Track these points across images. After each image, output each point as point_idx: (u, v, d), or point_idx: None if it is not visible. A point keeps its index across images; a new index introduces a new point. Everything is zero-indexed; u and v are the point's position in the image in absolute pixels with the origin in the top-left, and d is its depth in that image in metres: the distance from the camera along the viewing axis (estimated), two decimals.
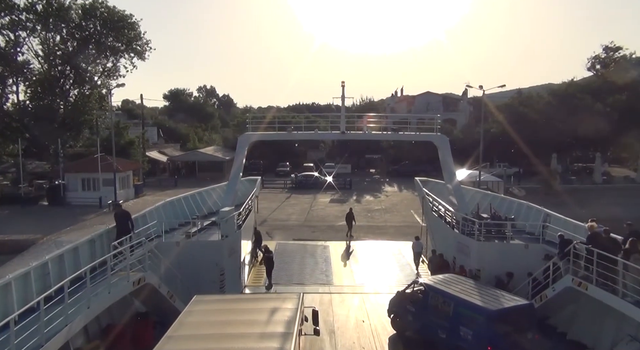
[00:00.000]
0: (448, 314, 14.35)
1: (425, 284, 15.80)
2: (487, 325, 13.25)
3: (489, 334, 13.20)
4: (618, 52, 64.17)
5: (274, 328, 10.20)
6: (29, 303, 10.60)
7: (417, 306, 15.61)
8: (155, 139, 74.50)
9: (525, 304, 14.28)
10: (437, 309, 14.80)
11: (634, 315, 12.22)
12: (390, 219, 36.31)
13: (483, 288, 15.20)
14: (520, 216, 21.15)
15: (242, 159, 22.69)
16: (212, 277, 17.83)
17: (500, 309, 13.52)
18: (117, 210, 17.32)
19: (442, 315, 14.54)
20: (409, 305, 15.98)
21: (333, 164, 62.44)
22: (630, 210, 35.19)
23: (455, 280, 15.93)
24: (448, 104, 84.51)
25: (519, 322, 13.68)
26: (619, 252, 13.46)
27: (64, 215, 35.91)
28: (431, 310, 15.00)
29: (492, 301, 13.90)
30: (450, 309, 14.33)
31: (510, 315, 13.62)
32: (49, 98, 47.18)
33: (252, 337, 9.82)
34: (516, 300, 14.25)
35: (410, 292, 16.17)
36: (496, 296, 14.37)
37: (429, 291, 15.36)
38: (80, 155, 50.70)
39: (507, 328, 13.40)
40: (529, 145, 50.27)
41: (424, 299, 15.40)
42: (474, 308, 13.73)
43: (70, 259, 14.41)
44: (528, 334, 13.66)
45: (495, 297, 14.25)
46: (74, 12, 47.19)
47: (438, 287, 15.25)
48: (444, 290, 15.03)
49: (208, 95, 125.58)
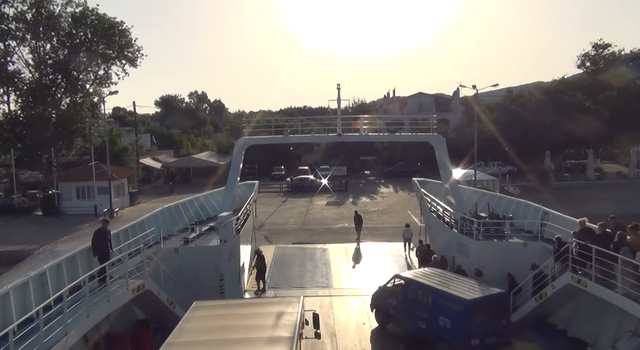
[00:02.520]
0: (427, 305, 15.03)
1: (405, 278, 16.51)
2: (463, 313, 14.01)
3: (466, 322, 13.99)
4: (607, 49, 64.78)
5: (274, 332, 10.15)
6: (27, 313, 10.52)
7: (398, 299, 16.26)
8: (149, 145, 74.29)
9: (500, 293, 15.06)
10: (417, 301, 15.47)
11: (633, 311, 12.23)
12: (387, 220, 36.34)
13: (460, 279, 16.00)
14: (518, 215, 21.22)
15: (239, 164, 22.63)
16: (211, 283, 17.73)
17: (475, 298, 14.28)
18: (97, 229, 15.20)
19: (422, 307, 15.21)
20: (390, 299, 16.64)
21: (328, 166, 62.47)
22: (623, 205, 35.53)
23: (434, 274, 16.65)
24: (440, 104, 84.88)
25: (493, 310, 14.52)
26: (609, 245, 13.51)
27: (59, 225, 35.68)
28: (411, 303, 15.66)
29: (468, 291, 14.66)
30: (429, 300, 15.03)
31: (485, 304, 14.39)
32: (40, 107, 46.80)
33: (252, 342, 9.77)
34: (491, 290, 14.98)
35: (391, 287, 16.86)
36: (472, 286, 15.17)
37: (409, 284, 16.05)
38: (73, 163, 50.47)
39: (483, 316, 14.20)
40: (522, 143, 50.62)
41: (404, 292, 16.07)
42: (451, 298, 14.44)
43: (69, 268, 14.28)
44: (502, 320, 14.60)
45: (471, 288, 15.04)
46: (64, 21, 46.93)
47: (417, 280, 15.96)
48: (422, 282, 15.72)
49: (199, 101, 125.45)
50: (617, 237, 13.51)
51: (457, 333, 14.08)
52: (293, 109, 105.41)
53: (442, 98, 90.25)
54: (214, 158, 66.60)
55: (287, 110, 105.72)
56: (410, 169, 57.02)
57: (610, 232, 14.13)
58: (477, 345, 13.96)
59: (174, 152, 76.13)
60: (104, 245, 14.89)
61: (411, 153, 58.96)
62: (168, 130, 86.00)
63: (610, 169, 58.65)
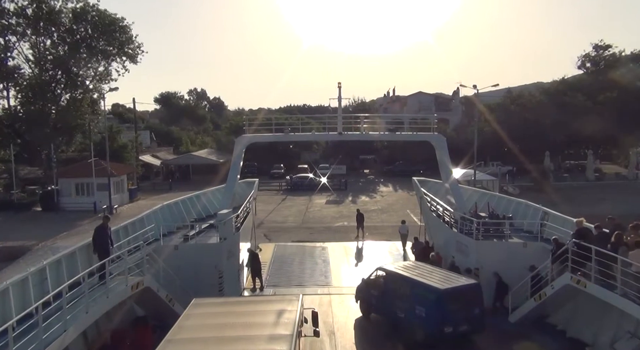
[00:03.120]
0: (405, 295, 15.85)
1: (386, 270, 17.37)
2: (437, 302, 14.79)
3: (440, 310, 14.75)
4: (608, 50, 64.76)
5: (273, 330, 10.14)
6: (27, 309, 10.55)
7: (379, 291, 17.10)
8: (148, 142, 74.11)
9: (473, 283, 15.85)
10: (396, 291, 16.29)
11: (633, 312, 12.23)
12: (387, 219, 36.33)
13: (437, 271, 16.80)
14: (518, 214, 21.24)
15: (239, 161, 22.58)
16: (210, 280, 17.70)
17: (448, 287, 15.03)
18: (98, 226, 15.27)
19: (400, 297, 16.04)
20: (372, 290, 17.48)
21: (327, 165, 62.43)
22: (623, 206, 35.61)
23: (414, 266, 17.49)
24: (440, 104, 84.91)
25: (467, 299, 15.23)
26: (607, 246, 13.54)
27: (58, 221, 35.64)
28: (391, 293, 16.49)
29: (443, 281, 15.42)
30: (407, 290, 15.84)
31: (458, 293, 15.13)
32: (40, 103, 46.75)
33: (251, 339, 9.77)
34: (465, 281, 15.86)
35: (373, 279, 17.63)
36: (447, 277, 15.97)
37: (389, 276, 16.89)
38: (72, 160, 50.36)
39: (456, 305, 14.93)
40: (522, 143, 50.65)
41: (385, 283, 16.92)
42: (427, 288, 15.21)
43: (68, 264, 14.28)
44: (475, 309, 15.26)
45: (447, 278, 15.82)
46: (64, 16, 46.82)
47: (396, 272, 16.83)
48: (401, 274, 16.57)
49: (199, 98, 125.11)
50: (615, 238, 13.53)
51: (431, 321, 14.87)
52: (293, 107, 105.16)
53: (442, 97, 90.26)
54: (213, 156, 66.54)
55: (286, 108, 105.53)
56: (410, 168, 57.05)
57: (608, 232, 14.14)
58: (450, 332, 14.75)
59: (173, 149, 76.02)
60: (104, 241, 14.89)
61: (411, 152, 58.99)
62: (168, 128, 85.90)
63: (609, 170, 58.79)
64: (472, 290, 15.56)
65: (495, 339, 15.93)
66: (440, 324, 14.74)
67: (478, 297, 15.57)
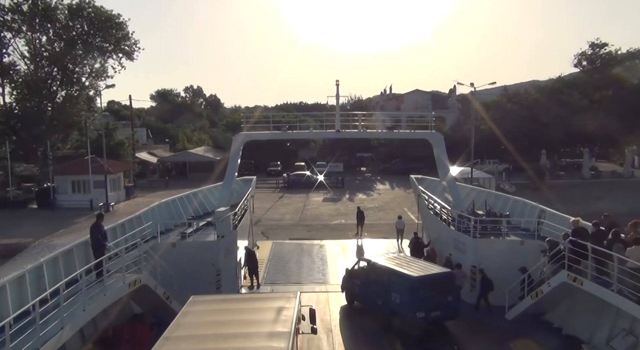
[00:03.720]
0: (383, 284, 16.75)
1: (367, 260, 18.37)
2: (409, 289, 15.65)
3: (413, 297, 15.59)
4: (604, 48, 64.99)
5: (271, 327, 10.12)
6: (24, 306, 10.50)
7: (361, 280, 18.11)
8: (145, 139, 73.84)
9: (445, 272, 16.83)
10: (375, 280, 17.25)
11: (629, 309, 12.26)
12: (384, 217, 36.34)
13: (416, 262, 17.81)
14: (515, 213, 21.26)
15: (237, 159, 22.51)
16: (208, 278, 17.68)
17: (421, 275, 15.93)
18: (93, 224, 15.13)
19: (379, 285, 16.98)
20: (355, 280, 18.48)
21: (324, 162, 62.36)
22: (619, 204, 35.73)
23: (395, 257, 18.53)
24: (437, 102, 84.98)
25: (439, 287, 16.06)
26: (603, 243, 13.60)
27: (55, 218, 35.48)
28: (371, 282, 17.46)
29: (417, 270, 16.33)
30: (384, 279, 16.75)
31: (430, 281, 16.01)
32: (35, 100, 46.61)
33: (249, 336, 9.75)
34: (438, 269, 16.83)
35: (356, 269, 18.70)
36: (423, 267, 16.91)
37: (370, 266, 17.88)
38: (68, 157, 50.11)
39: (429, 292, 15.71)
40: (518, 141, 50.77)
41: (366, 273, 17.93)
42: (401, 276, 16.13)
43: (65, 262, 14.23)
44: (448, 297, 16.07)
45: (422, 267, 16.75)
46: (60, 12, 46.66)
47: (376, 262, 17.78)
48: (380, 263, 17.52)
49: (195, 96, 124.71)
50: (612, 235, 13.58)
51: (404, 306, 15.78)
52: (289, 105, 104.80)
53: (439, 95, 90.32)
54: (210, 153, 66.29)
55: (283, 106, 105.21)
56: (407, 166, 57.01)
57: (604, 230, 14.18)
58: (423, 318, 15.55)
59: (169, 146, 75.76)
60: (100, 239, 14.77)
61: (408, 150, 59.02)
62: (164, 125, 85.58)
63: (605, 167, 58.92)
64: (445, 279, 16.43)
65: (492, 336, 16.03)
66: (413, 309, 15.54)
67: (451, 285, 16.44)
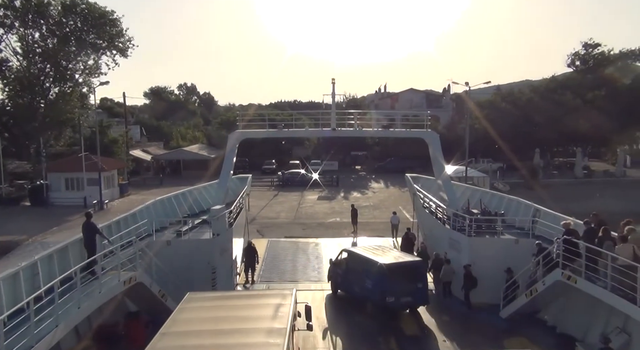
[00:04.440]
0: (359, 271, 18.02)
1: (348, 251, 19.71)
2: (380, 275, 16.89)
3: (382, 282, 16.84)
4: (597, 48, 65.42)
5: (267, 323, 10.17)
6: (18, 304, 10.43)
7: (342, 269, 19.32)
8: (138, 137, 73.42)
9: (415, 260, 18.29)
10: (353, 268, 18.54)
11: (622, 307, 12.37)
12: (379, 216, 36.38)
13: (390, 251, 19.21)
14: (510, 211, 21.37)
15: (232, 157, 22.49)
16: (203, 276, 17.67)
17: (390, 263, 17.20)
18: (84, 223, 14.96)
19: (355, 273, 18.27)
20: (338, 269, 19.66)
21: (319, 161, 62.35)
22: (611, 203, 36.05)
23: (373, 248, 19.80)
24: (431, 101, 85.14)
25: (408, 274, 17.29)
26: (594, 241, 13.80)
27: (48, 216, 35.25)
28: (350, 271, 18.74)
29: (388, 258, 17.63)
30: (360, 267, 18.05)
31: (399, 269, 17.24)
32: (28, 96, 46.18)
33: (246, 332, 9.80)
34: (409, 258, 18.33)
35: (339, 259, 19.83)
36: (395, 256, 18.34)
37: (349, 256, 19.16)
38: (62, 154, 49.77)
39: (398, 278, 16.89)
40: (512, 140, 51.02)
41: (347, 262, 19.10)
42: (372, 263, 17.39)
43: (60, 259, 14.16)
44: (418, 284, 17.26)
45: (394, 256, 18.16)
46: (53, 9, 46.22)
47: (354, 252, 19.25)
48: (358, 253, 18.87)
49: (189, 93, 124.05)
50: (602, 232, 13.76)
51: (375, 292, 17.02)
52: (283, 103, 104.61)
53: (433, 94, 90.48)
54: (204, 151, 66.06)
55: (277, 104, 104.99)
56: (401, 164, 57.08)
57: (594, 227, 14.37)
58: (392, 302, 16.78)
59: (163, 144, 75.41)
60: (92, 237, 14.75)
61: (402, 149, 59.12)
62: (158, 122, 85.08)
63: (597, 167, 59.33)
64: (415, 267, 17.71)
65: (486, 334, 16.11)
66: (382, 294, 16.73)
67: (421, 273, 17.66)
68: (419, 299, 17.32)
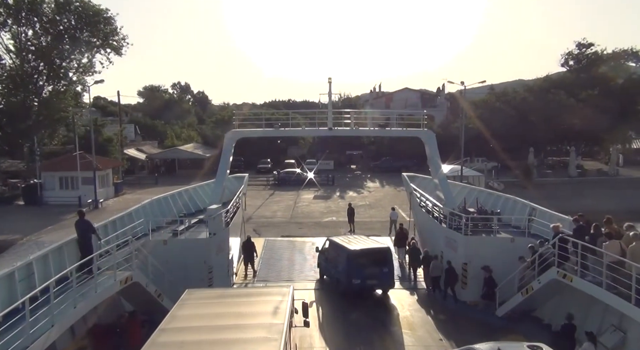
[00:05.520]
0: (335, 257, 19.85)
1: (330, 240, 21.39)
2: (347, 259, 18.76)
3: (349, 266, 18.71)
4: (590, 48, 65.76)
5: (265, 319, 10.27)
6: (13, 304, 10.35)
7: (325, 256, 21.14)
8: (133, 136, 73.05)
9: (381, 247, 19.86)
10: (332, 255, 20.39)
11: (617, 305, 12.45)
12: (375, 215, 36.44)
13: (362, 240, 20.72)
14: (506, 210, 21.43)
15: (229, 156, 22.41)
16: (200, 275, 17.65)
17: (356, 249, 19.10)
18: (77, 221, 14.86)
19: (333, 259, 20.18)
20: (322, 257, 21.48)
21: (314, 160, 62.33)
22: (604, 201, 36.33)
23: (351, 237, 21.74)
24: (426, 100, 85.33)
25: (375, 259, 19.00)
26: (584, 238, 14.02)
27: (42, 215, 35.04)
28: (330, 257, 20.59)
29: (357, 246, 19.49)
30: (336, 253, 19.87)
31: (366, 254, 19.06)
32: (21, 95, 45.77)
33: (244, 328, 9.89)
34: (376, 245, 19.97)
35: (325, 248, 21.50)
36: (364, 243, 20.09)
37: (330, 244, 20.96)
38: (55, 153, 49.45)
39: (364, 263, 18.76)
40: (506, 140, 51.23)
41: (328, 250, 20.98)
42: (343, 250, 19.31)
43: (56, 259, 14.07)
44: (383, 269, 18.95)
45: (363, 243, 19.95)
46: (47, 6, 45.82)
47: (333, 240, 20.90)
48: (334, 241, 20.68)
49: (183, 92, 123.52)
50: (593, 229, 13.98)
51: (343, 274, 18.92)
52: (278, 102, 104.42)
53: (428, 94, 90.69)
54: (199, 150, 65.88)
55: (272, 103, 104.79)
56: (396, 163, 57.23)
57: (584, 225, 14.64)
58: (358, 284, 18.61)
59: (158, 143, 75.09)
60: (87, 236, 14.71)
61: (397, 148, 59.19)
62: (152, 121, 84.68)
63: (590, 166, 59.71)
64: (381, 253, 19.29)
65: (482, 332, 16.13)
66: (349, 276, 18.63)
67: (387, 259, 19.20)
68: (384, 282, 19.16)
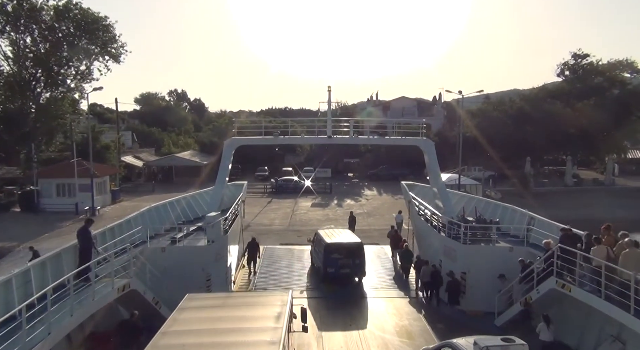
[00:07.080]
0: (320, 249, 22.22)
1: (317, 233, 23.92)
2: (325, 251, 21.51)
3: (326, 257, 21.44)
4: (586, 58, 66.20)
5: (264, 323, 10.43)
6: (10, 311, 10.29)
7: (315, 248, 23.60)
8: (130, 143, 72.98)
9: (355, 242, 22.26)
10: (317, 246, 23.07)
11: (616, 316, 12.42)
12: (373, 223, 36.41)
13: (342, 234, 23.71)
14: (504, 219, 21.38)
15: (228, 164, 22.41)
16: (198, 283, 17.50)
17: (332, 242, 21.88)
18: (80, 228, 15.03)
19: (318, 250, 22.66)
20: (313, 249, 24.14)
21: (312, 168, 62.37)
22: (601, 211, 36.48)
23: (331, 230, 24.49)
24: (423, 109, 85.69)
25: (348, 252, 21.50)
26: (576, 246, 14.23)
27: (39, 222, 34.86)
28: (317, 249, 22.90)
29: (334, 239, 22.31)
30: (319, 245, 22.55)
31: (340, 247, 21.65)
32: (19, 101, 45.70)
33: (244, 331, 10.06)
34: (351, 240, 22.56)
35: (313, 239, 24.37)
36: (342, 237, 22.97)
37: (316, 237, 23.70)
38: (52, 160, 49.30)
39: (338, 254, 21.37)
40: (503, 149, 51.43)
41: (315, 241, 23.66)
42: (322, 241, 22.14)
43: (53, 266, 13.99)
44: (356, 260, 21.46)
45: (340, 237, 22.82)
46: (45, 13, 45.86)
47: (318, 233, 23.75)
48: (319, 234, 23.42)
49: (179, 99, 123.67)
50: (586, 238, 14.15)
51: (322, 263, 21.65)
52: (274, 110, 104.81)
53: (424, 102, 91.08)
54: (196, 157, 65.80)
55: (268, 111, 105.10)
56: (394, 172, 57.32)
57: (575, 235, 14.94)
58: (332, 272, 21.32)
59: (155, 150, 75.00)
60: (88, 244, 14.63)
61: (395, 156, 59.28)
62: (149, 128, 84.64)
63: (586, 175, 60.01)
64: (353, 246, 21.78)
65: None
66: (325, 265, 21.40)
67: (359, 252, 21.66)
68: (356, 271, 21.64)
